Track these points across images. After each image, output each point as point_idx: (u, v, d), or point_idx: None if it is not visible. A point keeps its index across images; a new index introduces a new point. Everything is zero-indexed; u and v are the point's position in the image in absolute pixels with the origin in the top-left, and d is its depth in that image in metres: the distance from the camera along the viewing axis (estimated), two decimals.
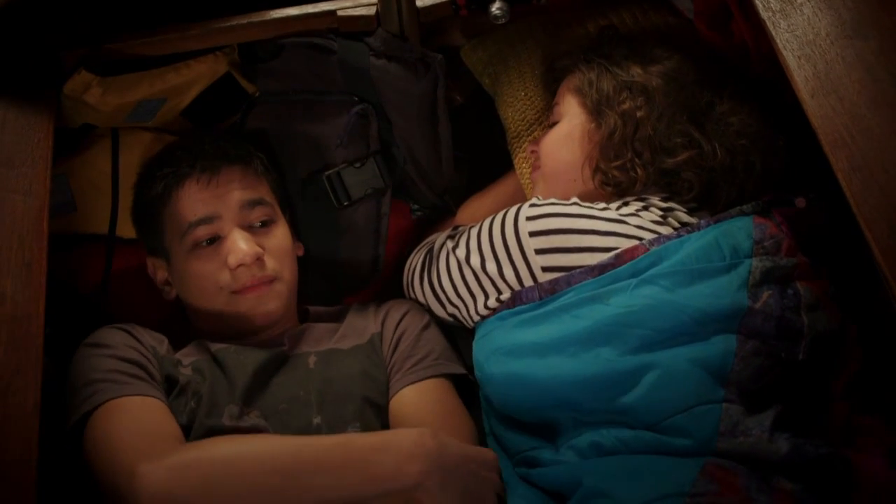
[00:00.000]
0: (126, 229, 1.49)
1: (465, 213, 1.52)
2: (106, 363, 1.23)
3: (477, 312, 1.28)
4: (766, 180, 1.29)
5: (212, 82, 1.45)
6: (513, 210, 1.24)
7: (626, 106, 1.29)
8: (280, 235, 1.39)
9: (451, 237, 1.33)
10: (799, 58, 1.12)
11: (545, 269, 1.20)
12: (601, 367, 1.11)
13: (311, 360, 1.33)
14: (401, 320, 1.39)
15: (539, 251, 1.20)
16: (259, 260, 1.33)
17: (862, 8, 1.15)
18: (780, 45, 1.14)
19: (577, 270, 1.18)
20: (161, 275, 1.41)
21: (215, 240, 1.33)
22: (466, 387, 1.35)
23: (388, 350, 1.37)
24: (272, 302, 1.35)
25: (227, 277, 1.32)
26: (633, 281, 1.15)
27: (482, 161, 1.60)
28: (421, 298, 1.38)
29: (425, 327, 1.38)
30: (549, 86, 1.47)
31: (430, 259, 1.35)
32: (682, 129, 1.27)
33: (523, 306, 1.21)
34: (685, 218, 1.26)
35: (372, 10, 1.37)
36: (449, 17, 1.43)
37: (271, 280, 1.34)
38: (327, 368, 1.32)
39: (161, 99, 1.42)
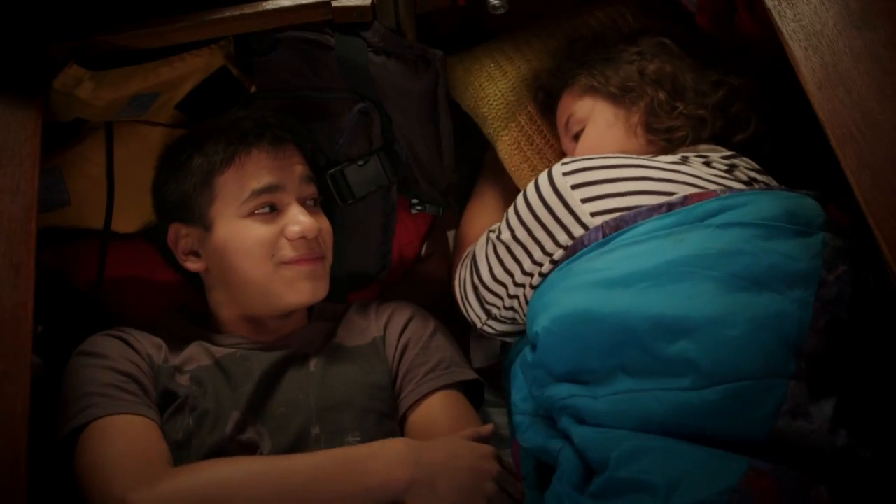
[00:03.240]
0: (122, 224, 1.47)
1: (468, 227, 1.49)
2: (100, 375, 1.23)
3: (533, 286, 1.23)
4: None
5: (207, 76, 1.42)
6: (543, 173, 1.21)
7: (652, 68, 1.30)
8: (325, 219, 1.39)
9: (490, 231, 1.30)
10: (806, 49, 1.09)
11: (595, 215, 1.16)
12: (671, 309, 1.05)
13: (312, 362, 1.32)
14: (405, 327, 1.38)
15: (586, 200, 1.16)
16: (317, 236, 1.32)
17: None
18: (787, 36, 1.11)
19: (644, 207, 1.14)
20: (186, 244, 1.37)
21: (273, 209, 1.32)
22: (475, 387, 1.35)
23: (394, 358, 1.36)
24: (322, 280, 1.34)
25: (284, 247, 1.31)
26: (708, 225, 1.10)
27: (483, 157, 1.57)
28: (478, 309, 1.34)
29: (433, 334, 1.37)
30: (545, 111, 1.45)
31: (475, 262, 1.31)
32: (707, 75, 1.29)
33: (585, 248, 1.16)
34: (752, 174, 1.22)
35: (367, 1, 1.34)
36: (446, 7, 1.40)
37: (322, 257, 1.34)
38: (327, 372, 1.31)
39: (154, 93, 1.39)
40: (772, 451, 0.99)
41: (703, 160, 1.23)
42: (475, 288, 1.32)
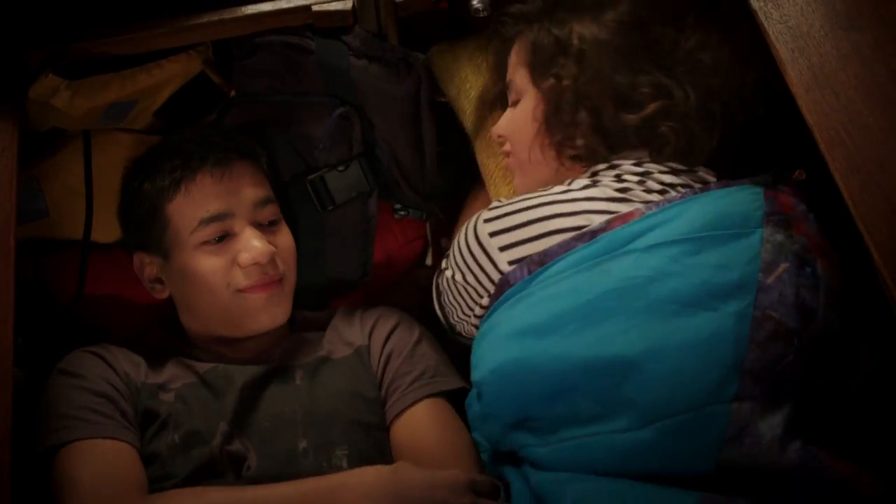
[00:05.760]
0: (102, 234, 1.45)
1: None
2: (77, 397, 1.22)
3: (474, 326, 1.22)
4: (746, 127, 1.21)
5: (185, 82, 1.40)
6: (472, 219, 1.18)
7: (551, 78, 1.20)
8: (286, 234, 1.37)
9: (445, 257, 1.27)
10: (792, 51, 1.08)
11: (512, 263, 1.13)
12: (603, 349, 1.01)
13: (298, 375, 1.31)
14: (390, 336, 1.36)
15: (503, 248, 1.13)
16: (272, 259, 1.30)
17: None
18: (773, 38, 1.10)
19: (569, 237, 1.09)
20: (150, 272, 1.37)
21: (224, 237, 1.30)
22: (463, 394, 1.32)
23: (378, 366, 1.34)
24: (282, 305, 1.33)
25: (237, 275, 1.29)
26: (634, 248, 1.05)
27: (469, 161, 1.55)
28: (444, 322, 1.31)
29: (417, 342, 1.35)
30: (499, 62, 1.33)
31: (440, 285, 1.28)
32: (647, 79, 1.16)
33: (511, 289, 1.12)
34: (666, 179, 1.15)
35: (348, 5, 1.33)
36: (428, 10, 1.38)
37: (281, 279, 1.32)
38: (314, 385, 1.30)
39: (132, 101, 1.37)
40: (724, 480, 0.96)
41: (613, 173, 1.17)
42: (440, 306, 1.30)
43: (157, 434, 1.23)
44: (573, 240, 1.09)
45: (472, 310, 1.22)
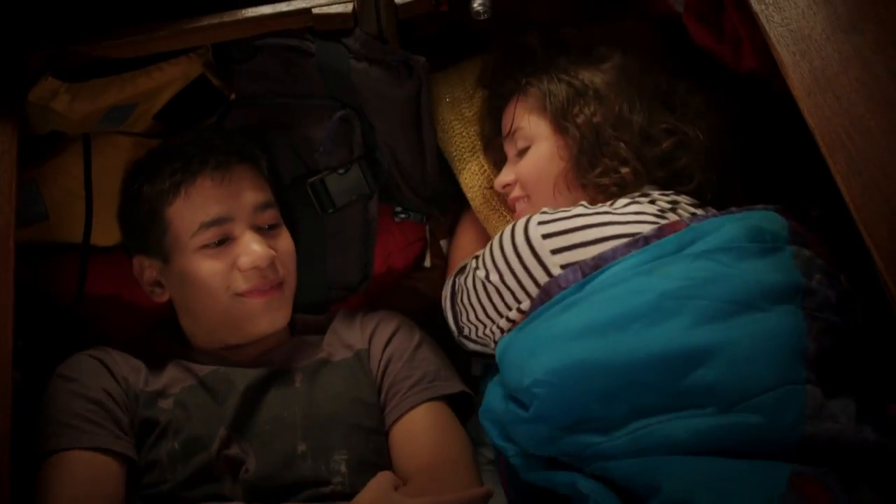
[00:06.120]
0: (101, 237, 1.45)
1: (459, 241, 1.48)
2: (70, 404, 1.22)
3: (500, 329, 1.23)
4: (739, 164, 1.29)
5: (185, 85, 1.40)
6: (521, 221, 1.20)
7: (581, 118, 1.27)
8: (286, 238, 1.36)
9: (475, 257, 1.28)
10: (794, 54, 1.08)
11: (564, 267, 1.15)
12: (674, 343, 1.05)
13: (298, 378, 1.31)
14: (390, 340, 1.36)
15: (555, 251, 1.15)
16: (272, 263, 1.29)
17: (858, 0, 1.10)
18: (775, 41, 1.09)
19: (622, 243, 1.14)
20: (150, 275, 1.37)
21: (224, 241, 1.29)
22: (464, 398, 1.33)
23: (378, 370, 1.34)
24: (282, 309, 1.33)
25: (237, 279, 1.28)
26: (689, 253, 1.11)
27: None
28: (453, 324, 1.32)
29: (417, 346, 1.35)
30: (493, 112, 1.42)
31: (456, 285, 1.29)
32: (660, 118, 1.26)
33: (564, 292, 1.14)
34: (690, 209, 1.22)
35: (349, 8, 1.32)
36: (429, 13, 1.38)
37: (280, 283, 1.32)
38: (313, 388, 1.30)
39: (132, 104, 1.37)
40: (803, 457, 0.99)
41: (647, 200, 1.22)
42: (453, 306, 1.30)
43: (156, 442, 1.22)
44: (626, 246, 1.13)
45: (502, 313, 1.22)
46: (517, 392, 1.13)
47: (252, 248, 1.28)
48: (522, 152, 1.33)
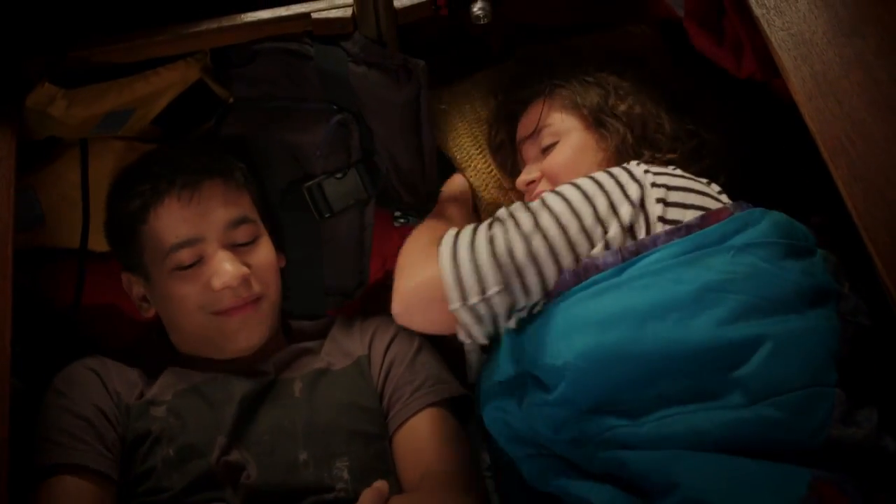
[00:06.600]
0: (98, 243, 1.44)
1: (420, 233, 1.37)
2: (59, 420, 1.21)
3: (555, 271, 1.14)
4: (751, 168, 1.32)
5: (183, 89, 1.39)
6: (617, 166, 1.19)
7: (622, 107, 1.31)
8: (265, 251, 1.34)
9: (495, 218, 1.19)
10: (795, 58, 1.08)
11: (663, 221, 1.13)
12: (714, 335, 1.03)
13: (297, 386, 1.30)
14: (390, 344, 1.36)
15: (660, 200, 1.14)
16: (245, 281, 1.28)
17: (859, 4, 1.10)
18: (776, 45, 1.09)
19: (665, 230, 1.12)
20: (137, 291, 1.36)
21: (198, 262, 1.28)
22: (463, 401, 1.33)
23: (379, 377, 1.33)
24: (258, 326, 1.31)
25: (210, 299, 1.27)
26: (730, 247, 1.10)
27: None
28: (458, 289, 1.15)
29: (418, 351, 1.35)
30: (508, 118, 1.44)
31: (484, 235, 1.17)
32: (682, 120, 1.32)
33: (601, 275, 1.11)
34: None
35: (348, 13, 1.32)
36: (428, 17, 1.38)
37: (257, 299, 1.30)
38: (314, 396, 1.29)
39: (130, 109, 1.36)
40: (824, 460, 0.99)
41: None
42: (475, 258, 1.15)
43: (150, 451, 1.21)
44: (668, 234, 1.12)
45: (571, 249, 1.13)
46: (542, 371, 1.09)
47: (224, 268, 1.26)
48: (548, 149, 1.34)
